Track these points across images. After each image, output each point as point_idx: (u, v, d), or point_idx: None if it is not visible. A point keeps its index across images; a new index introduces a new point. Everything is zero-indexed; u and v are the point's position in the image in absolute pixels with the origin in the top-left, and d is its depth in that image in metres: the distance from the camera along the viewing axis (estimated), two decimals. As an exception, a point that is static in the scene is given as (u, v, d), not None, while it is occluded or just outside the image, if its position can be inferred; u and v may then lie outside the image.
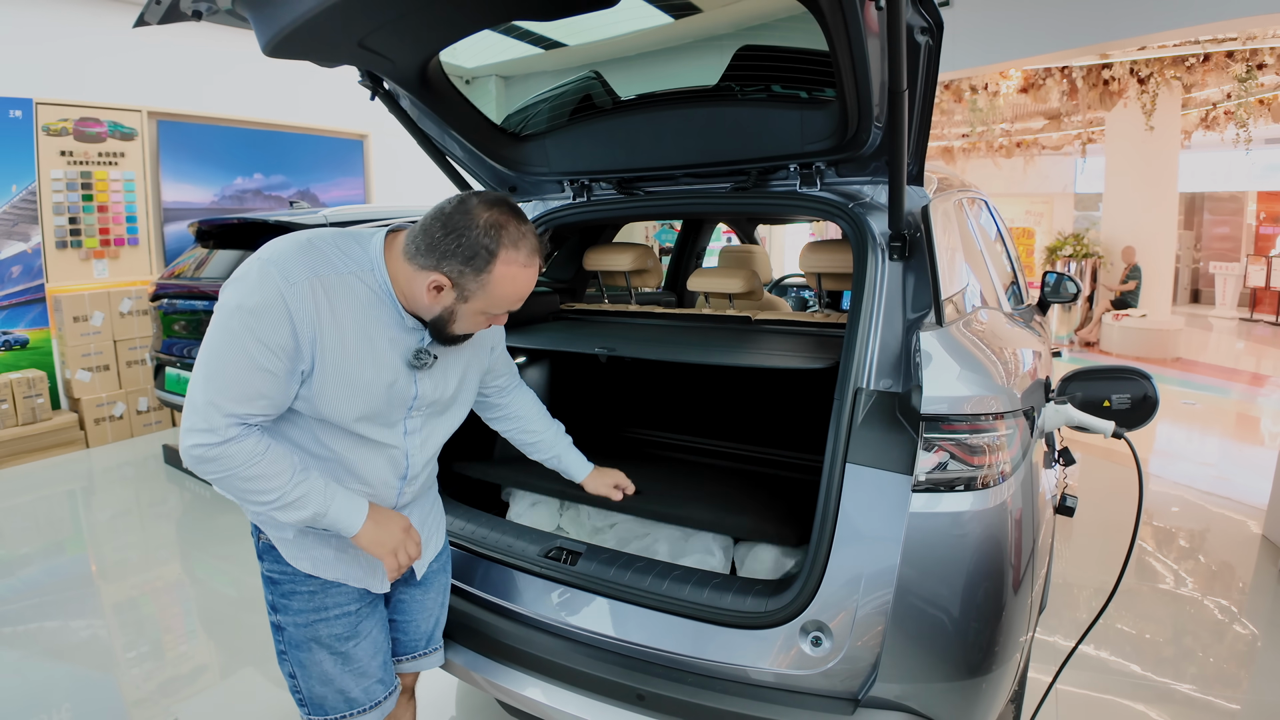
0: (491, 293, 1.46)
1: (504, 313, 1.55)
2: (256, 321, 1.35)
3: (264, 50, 1.75)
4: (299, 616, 1.61)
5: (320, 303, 1.41)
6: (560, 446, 2.13)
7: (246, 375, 1.36)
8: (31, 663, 3.10)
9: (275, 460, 1.42)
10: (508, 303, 1.51)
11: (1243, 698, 2.79)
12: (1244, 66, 8.73)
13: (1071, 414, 1.77)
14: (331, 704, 1.65)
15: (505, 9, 1.92)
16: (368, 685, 1.68)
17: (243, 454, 1.38)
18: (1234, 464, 5.88)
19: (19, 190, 6.10)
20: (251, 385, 1.37)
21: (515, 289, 1.48)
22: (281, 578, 1.61)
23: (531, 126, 2.50)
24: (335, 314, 1.43)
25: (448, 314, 1.50)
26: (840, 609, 1.56)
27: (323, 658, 1.63)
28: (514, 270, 1.45)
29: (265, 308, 1.36)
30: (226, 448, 1.37)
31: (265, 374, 1.37)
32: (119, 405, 6.40)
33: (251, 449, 1.39)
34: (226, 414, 1.36)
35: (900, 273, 1.81)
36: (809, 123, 1.98)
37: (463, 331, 1.55)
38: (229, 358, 1.36)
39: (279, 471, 1.42)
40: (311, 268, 1.41)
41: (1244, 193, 16.72)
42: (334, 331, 1.43)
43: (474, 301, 1.47)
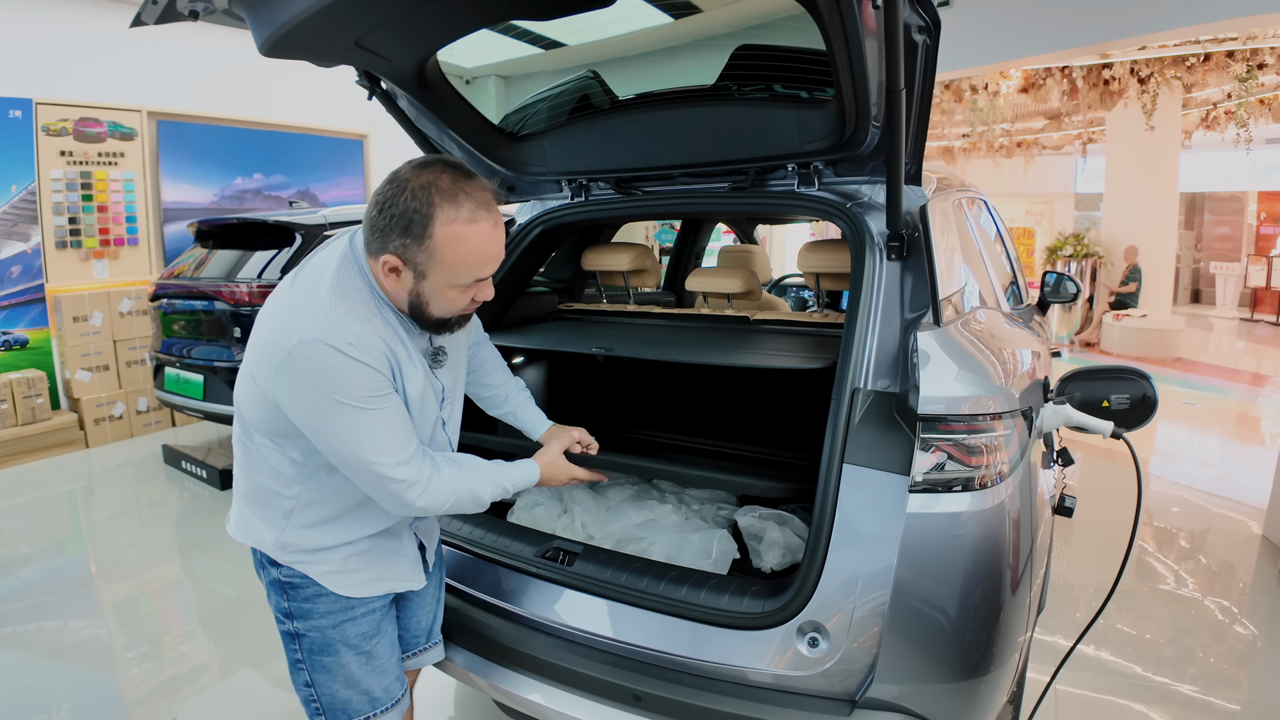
0: (444, 260, 1.38)
1: (477, 282, 1.47)
2: (354, 391, 1.38)
3: (260, 50, 1.75)
4: (325, 619, 1.61)
5: (379, 338, 1.44)
6: (517, 401, 2.06)
7: (386, 427, 1.43)
8: (31, 663, 3.10)
9: (470, 469, 1.61)
10: (469, 267, 1.42)
11: (1243, 698, 2.79)
12: (1244, 66, 8.72)
13: (1070, 414, 1.77)
14: (356, 706, 1.65)
15: (502, 8, 1.92)
16: (388, 683, 1.69)
17: (444, 480, 1.51)
18: (1234, 464, 5.88)
19: (19, 190, 6.11)
20: (397, 427, 1.45)
21: (468, 249, 1.39)
22: (303, 581, 1.60)
23: (530, 126, 2.50)
24: (389, 341, 1.46)
25: (416, 297, 1.45)
26: (837, 610, 1.55)
27: (349, 659, 1.63)
28: (457, 229, 1.37)
29: (349, 378, 1.37)
30: (434, 483, 1.49)
31: (393, 412, 1.45)
32: (119, 405, 6.40)
33: (449, 474, 1.54)
34: (406, 461, 1.45)
35: (898, 272, 1.81)
36: (807, 122, 1.98)
37: (442, 313, 1.49)
38: (364, 431, 1.40)
39: (479, 473, 1.61)
40: (356, 316, 1.41)
41: (1244, 193, 16.70)
42: (393, 353, 1.48)
43: (433, 275, 1.41)
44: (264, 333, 1.44)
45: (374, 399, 1.40)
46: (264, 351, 1.42)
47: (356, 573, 1.62)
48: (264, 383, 1.42)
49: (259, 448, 1.53)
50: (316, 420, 1.40)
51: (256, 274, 4.82)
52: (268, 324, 1.45)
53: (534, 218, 2.59)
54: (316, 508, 1.56)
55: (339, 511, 1.58)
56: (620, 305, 3.07)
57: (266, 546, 1.59)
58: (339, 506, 1.58)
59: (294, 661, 1.64)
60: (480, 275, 1.46)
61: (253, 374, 1.46)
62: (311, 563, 1.59)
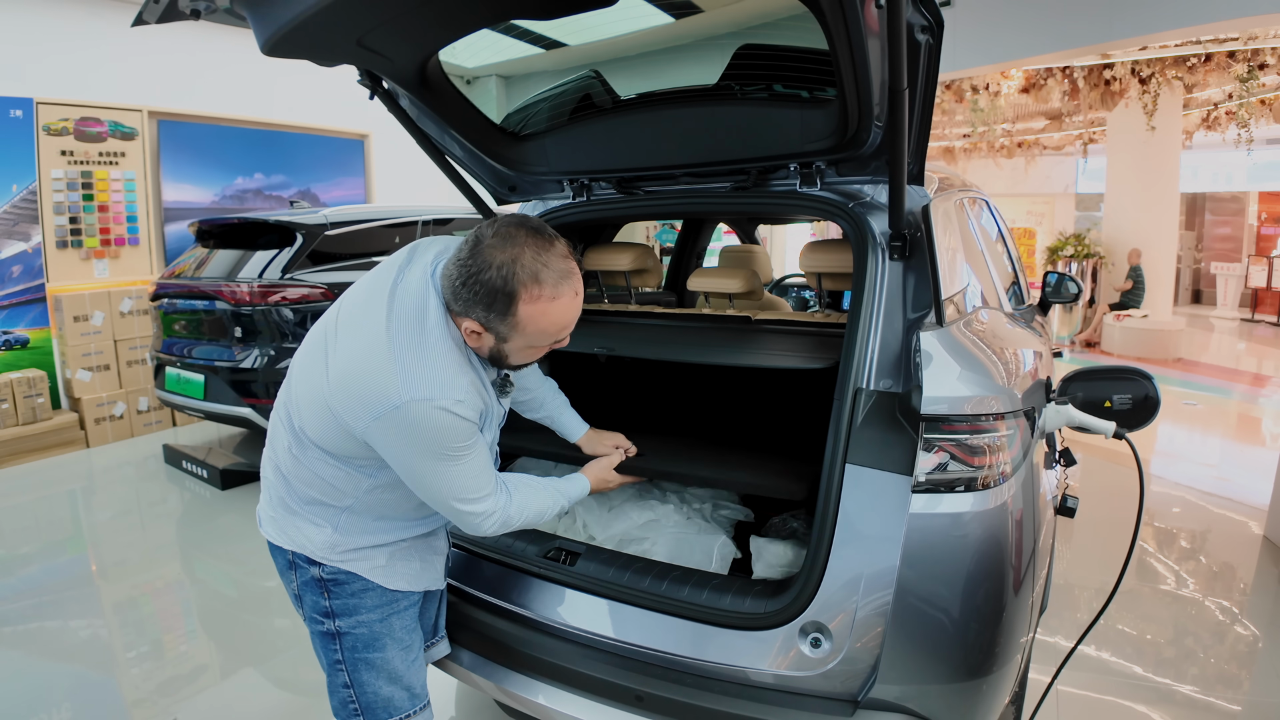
0: (525, 331, 1.43)
1: (558, 343, 1.56)
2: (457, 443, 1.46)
3: (262, 49, 1.75)
4: (374, 614, 1.63)
5: (476, 387, 1.49)
6: (554, 405, 2.13)
7: (475, 471, 1.52)
8: (31, 662, 3.09)
9: (536, 491, 1.71)
10: (549, 336, 1.47)
11: (1244, 699, 2.79)
12: (1245, 66, 8.72)
13: (1072, 414, 1.77)
14: (398, 702, 1.66)
15: (504, 8, 1.91)
16: (423, 680, 1.74)
17: (516, 506, 1.62)
18: (1235, 465, 5.88)
19: (19, 190, 6.11)
20: (482, 469, 1.55)
21: (549, 322, 1.43)
22: (349, 577, 1.61)
23: (531, 126, 2.49)
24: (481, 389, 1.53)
25: (498, 352, 1.50)
26: (840, 610, 1.55)
27: (394, 653, 1.66)
28: (541, 307, 1.39)
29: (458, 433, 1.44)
30: (508, 511, 1.60)
31: (481, 455, 1.54)
32: (119, 405, 6.40)
33: (521, 498, 1.64)
34: (486, 496, 1.55)
35: (900, 272, 1.80)
36: (809, 122, 1.98)
37: (521, 362, 1.56)
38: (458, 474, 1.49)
39: (543, 495, 1.71)
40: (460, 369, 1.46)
41: (1245, 193, 16.69)
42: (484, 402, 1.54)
43: (514, 340, 1.46)
44: (363, 378, 1.41)
45: (469, 448, 1.48)
46: (362, 398, 1.40)
47: (404, 565, 1.67)
48: (354, 423, 1.42)
49: (314, 461, 1.54)
50: (413, 464, 1.46)
51: (257, 274, 4.82)
52: (369, 372, 1.41)
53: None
54: (368, 514, 1.61)
55: (390, 516, 1.64)
56: (622, 305, 3.06)
57: (314, 549, 1.59)
58: (392, 513, 1.63)
59: (333, 662, 1.64)
60: (559, 339, 1.53)
61: (333, 407, 1.44)
62: (360, 559, 1.61)
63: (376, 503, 1.59)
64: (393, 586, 1.65)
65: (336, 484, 1.55)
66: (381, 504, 1.60)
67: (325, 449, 1.51)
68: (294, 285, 4.79)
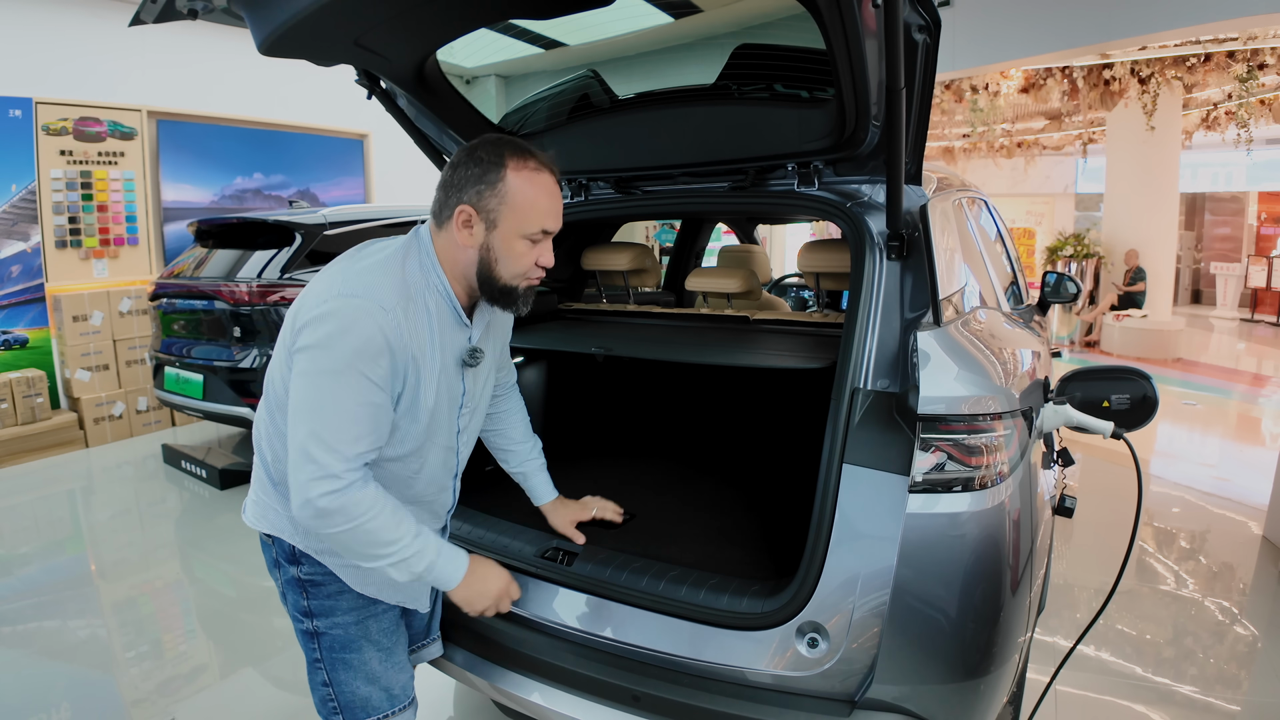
0: (514, 204, 1.46)
1: (543, 236, 1.52)
2: (357, 356, 1.36)
3: (259, 49, 1.75)
4: (349, 615, 1.61)
5: (412, 325, 1.43)
6: (531, 464, 2.05)
7: (358, 412, 1.37)
8: (30, 662, 3.09)
9: (394, 510, 1.43)
10: (537, 214, 1.48)
11: (1243, 699, 2.79)
12: (1245, 66, 8.72)
13: (1070, 414, 1.77)
14: (376, 703, 1.65)
15: (501, 7, 1.91)
16: (404, 681, 1.70)
17: (367, 499, 1.39)
18: (1235, 465, 5.87)
19: (18, 190, 6.11)
20: (362, 423, 1.38)
21: (536, 194, 1.47)
22: (326, 579, 1.59)
23: (529, 125, 2.49)
24: (418, 334, 1.46)
25: (486, 253, 1.49)
26: (837, 610, 1.55)
27: (371, 655, 1.63)
28: (527, 175, 1.46)
29: (366, 342, 1.36)
30: (350, 493, 1.37)
31: (373, 408, 1.39)
32: (118, 405, 6.40)
33: (373, 495, 1.40)
34: (345, 457, 1.36)
35: (898, 272, 1.80)
36: (807, 121, 1.98)
37: (510, 274, 1.51)
38: (335, 400, 1.36)
39: (399, 522, 1.43)
40: (392, 283, 1.43)
41: (1245, 193, 16.70)
42: (418, 350, 1.46)
43: (504, 223, 1.47)
44: (307, 293, 1.46)
45: (368, 380, 1.37)
46: (302, 305, 1.43)
47: (371, 573, 1.61)
48: (292, 338, 1.42)
49: (284, 426, 1.50)
50: (305, 371, 1.38)
51: (256, 273, 4.82)
52: (313, 286, 1.46)
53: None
54: None
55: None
56: (620, 305, 3.06)
57: (287, 534, 1.58)
58: None
59: (312, 661, 1.64)
60: (546, 226, 1.51)
61: (284, 341, 1.46)
62: (330, 553, 1.58)
63: None
64: (363, 591, 1.61)
65: None
66: None
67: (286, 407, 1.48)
68: (293, 285, 4.79)
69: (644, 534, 2.18)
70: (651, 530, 2.21)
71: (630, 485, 2.65)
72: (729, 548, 2.13)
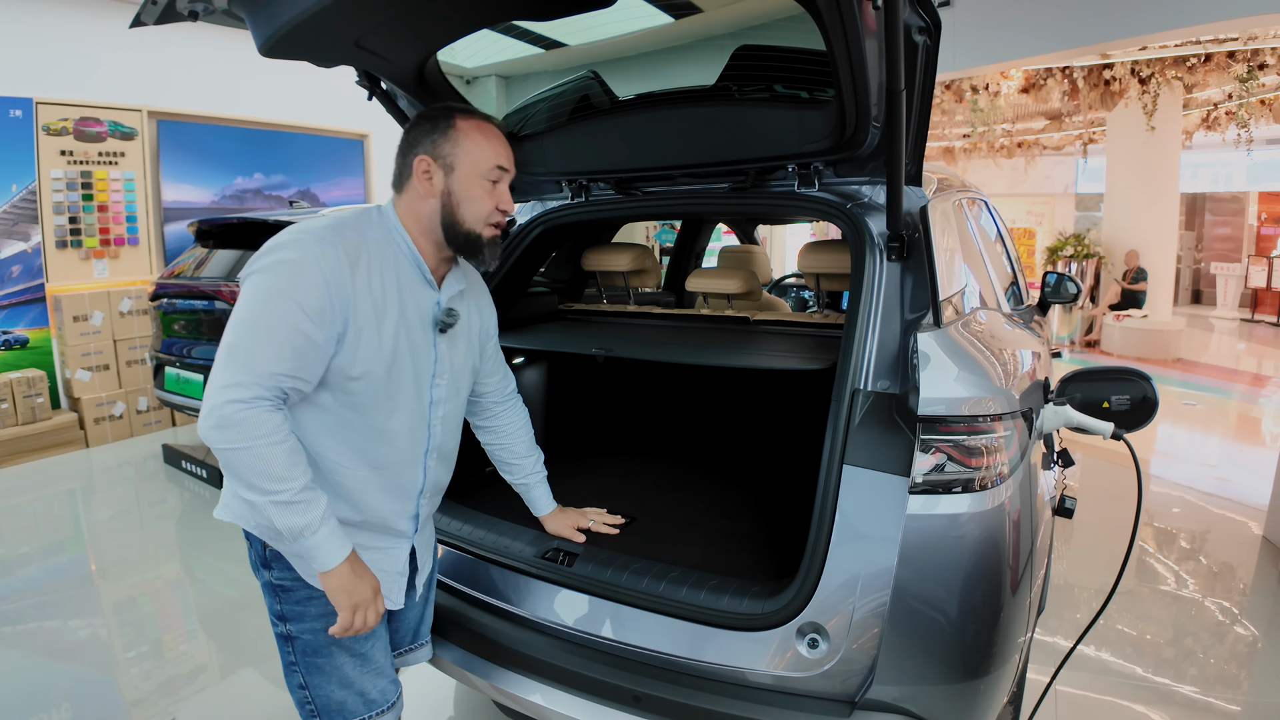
0: (468, 147, 1.54)
1: (499, 174, 1.58)
2: (292, 282, 1.37)
3: (260, 50, 1.75)
4: (317, 622, 1.59)
5: (356, 266, 1.44)
6: (533, 478, 2.05)
7: (281, 334, 1.35)
8: (30, 662, 3.10)
9: (296, 455, 1.38)
10: (490, 152, 1.56)
11: (1243, 699, 2.79)
12: (1245, 67, 8.72)
13: (1070, 415, 1.77)
14: (351, 707, 1.63)
15: (502, 8, 1.91)
16: (383, 686, 1.67)
17: (270, 424, 1.34)
18: (1235, 465, 5.88)
19: (19, 190, 6.11)
20: (283, 345, 1.35)
21: (485, 137, 1.56)
22: (295, 584, 1.58)
23: (530, 126, 2.50)
24: (369, 279, 1.46)
25: (448, 199, 1.54)
26: (837, 611, 1.55)
27: (343, 661, 1.61)
28: (475, 122, 1.56)
29: (301, 267, 1.38)
30: (255, 410, 1.32)
31: (299, 334, 1.36)
32: (119, 405, 6.40)
33: (279, 424, 1.35)
34: (259, 373, 1.33)
35: (898, 273, 1.80)
36: (807, 123, 1.98)
37: (473, 218, 1.55)
38: (263, 317, 1.35)
39: (296, 463, 1.37)
40: (341, 235, 1.45)
41: (1245, 193, 16.70)
42: (366, 296, 1.45)
43: (460, 166, 1.54)
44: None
45: (298, 303, 1.36)
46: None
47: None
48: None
49: None
50: (247, 290, 1.39)
51: (257, 274, 4.81)
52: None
53: (534, 218, 2.59)
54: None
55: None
56: (620, 305, 3.07)
57: (251, 526, 1.58)
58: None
59: (288, 664, 1.63)
60: (500, 163, 1.57)
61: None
62: (294, 556, 1.57)
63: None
64: (317, 584, 1.56)
65: None
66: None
67: None
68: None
69: (644, 535, 2.18)
70: (652, 531, 2.21)
71: (630, 486, 2.65)
72: (729, 548, 2.13)
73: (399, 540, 1.69)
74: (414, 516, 1.71)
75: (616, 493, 2.57)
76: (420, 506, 1.71)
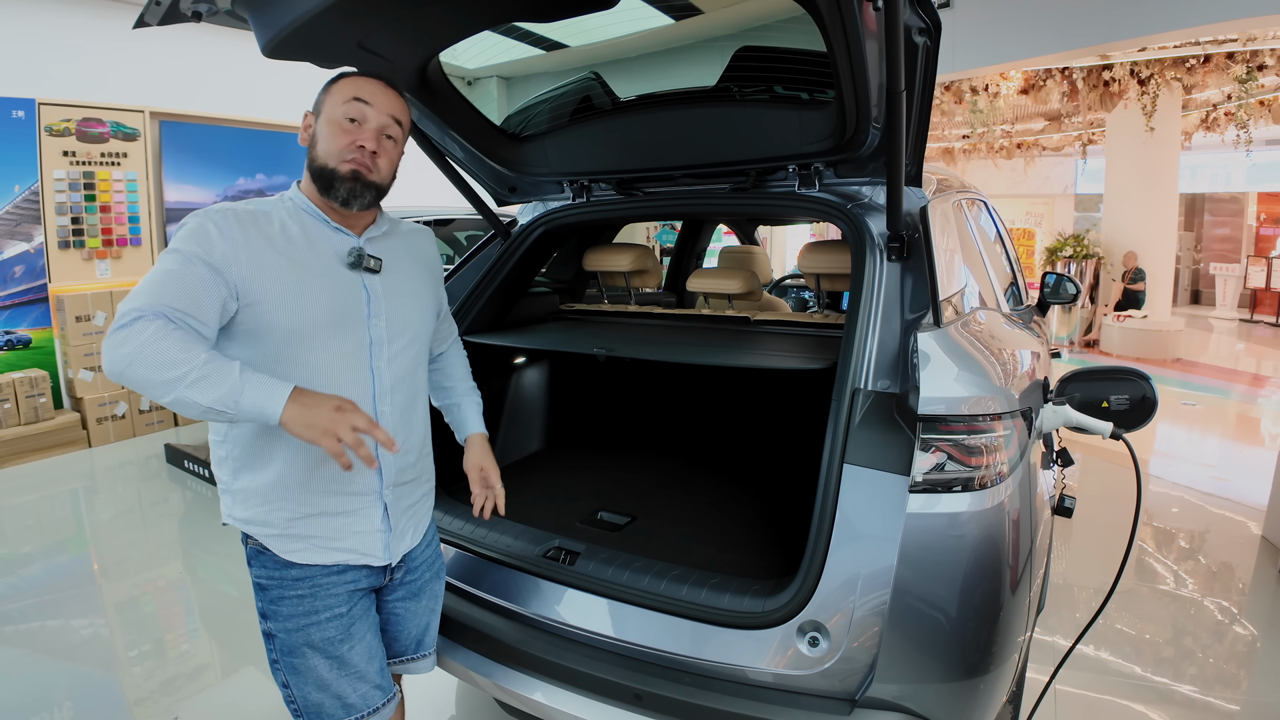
0: (330, 92, 1.59)
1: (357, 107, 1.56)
2: (181, 242, 1.44)
3: (263, 51, 1.76)
4: (289, 621, 1.59)
5: (243, 223, 1.50)
6: (466, 399, 1.99)
7: (167, 276, 1.39)
8: (33, 661, 3.10)
9: (189, 340, 1.35)
10: (345, 90, 1.57)
11: (1242, 698, 2.80)
12: (1244, 68, 8.73)
13: (1070, 415, 1.78)
14: (329, 710, 1.62)
15: (505, 10, 1.92)
16: (365, 691, 1.64)
17: (151, 328, 1.32)
18: (1234, 465, 5.88)
19: (22, 190, 6.12)
20: (171, 282, 1.39)
21: (347, 81, 1.59)
22: (270, 583, 1.59)
23: (531, 127, 2.51)
24: (261, 232, 1.51)
25: (313, 142, 1.59)
26: (837, 609, 1.56)
27: (317, 662, 1.61)
28: (347, 76, 1.61)
29: (189, 232, 1.45)
30: (137, 323, 1.33)
31: (190, 279, 1.39)
32: (121, 405, 6.41)
33: (163, 325, 1.34)
34: (142, 304, 1.35)
35: (898, 273, 1.81)
36: (807, 123, 1.99)
37: (325, 152, 1.57)
38: (156, 269, 1.41)
39: (189, 347, 1.33)
40: (233, 206, 1.53)
41: (1244, 194, 16.72)
42: (263, 245, 1.50)
43: (324, 109, 1.58)
44: None
45: (181, 252, 1.42)
46: None
47: (304, 531, 1.57)
48: None
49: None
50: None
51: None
52: None
53: (536, 219, 2.60)
54: (248, 466, 1.56)
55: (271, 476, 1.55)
56: (621, 306, 3.08)
57: (226, 512, 1.60)
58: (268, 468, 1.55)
59: (271, 661, 1.65)
60: (357, 95, 1.57)
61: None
62: (255, 524, 1.56)
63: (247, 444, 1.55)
64: (291, 558, 1.56)
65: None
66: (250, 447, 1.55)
67: None
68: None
69: (645, 534, 2.19)
70: (653, 530, 2.22)
71: (631, 485, 2.67)
72: (730, 547, 2.14)
73: (365, 499, 1.63)
74: (376, 472, 1.63)
75: (617, 491, 2.58)
76: (380, 458, 1.63)
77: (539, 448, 3.07)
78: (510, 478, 2.37)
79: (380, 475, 1.64)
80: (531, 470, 2.76)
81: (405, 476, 1.70)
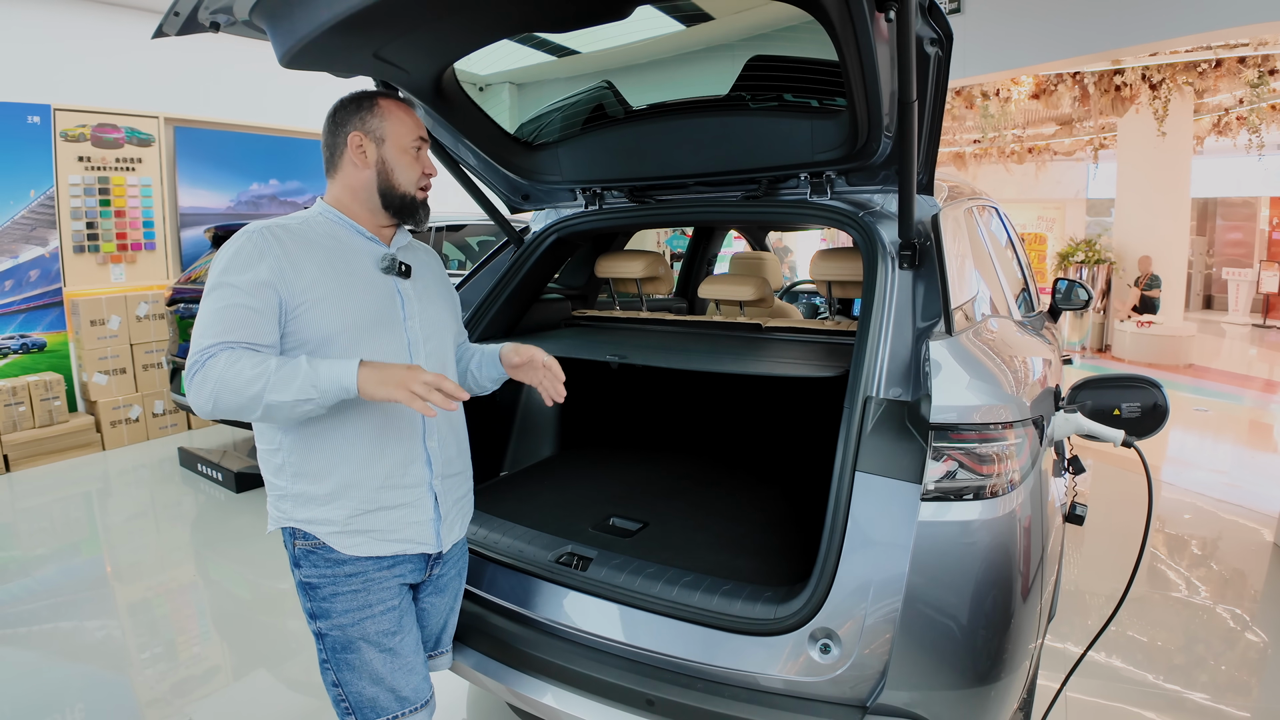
0: (394, 120, 1.68)
1: (421, 143, 1.72)
2: (224, 274, 1.50)
3: (281, 62, 1.78)
4: (344, 617, 1.63)
5: (280, 238, 1.55)
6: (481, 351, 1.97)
7: (222, 315, 1.48)
8: (46, 663, 3.13)
9: (256, 357, 1.46)
10: (412, 124, 1.71)
11: (1253, 706, 2.78)
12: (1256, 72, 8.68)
13: (1081, 422, 1.78)
14: (384, 704, 1.65)
15: (521, 21, 1.94)
16: (416, 683, 1.70)
17: (223, 360, 1.44)
18: (1247, 471, 5.85)
19: (37, 195, 6.18)
20: (226, 321, 1.47)
21: (408, 115, 1.71)
22: (322, 580, 1.62)
23: (544, 135, 2.52)
24: (302, 244, 1.58)
25: (383, 167, 1.67)
26: (849, 616, 1.56)
27: (372, 656, 1.64)
28: (393, 101, 1.71)
29: (236, 255, 1.51)
30: (209, 362, 1.44)
31: (242, 309, 1.48)
32: (135, 408, 6.46)
33: (230, 354, 1.45)
34: (207, 344, 1.46)
35: (910, 281, 1.82)
36: (819, 132, 2.00)
37: (406, 181, 1.69)
38: (210, 306, 1.49)
39: (260, 362, 1.44)
40: (264, 225, 1.58)
41: (1257, 198, 16.62)
42: (304, 256, 1.56)
43: (390, 137, 1.67)
44: None
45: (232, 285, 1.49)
46: None
47: (363, 533, 1.62)
48: None
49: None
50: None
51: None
52: None
53: (548, 226, 2.61)
54: (307, 470, 1.60)
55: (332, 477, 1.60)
56: (633, 312, 3.09)
57: (283, 515, 1.63)
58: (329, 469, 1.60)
59: (321, 661, 1.67)
60: (420, 134, 1.72)
61: None
62: (317, 523, 1.60)
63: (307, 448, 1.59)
64: (350, 553, 1.61)
65: (265, 430, 1.63)
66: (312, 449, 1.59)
67: None
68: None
69: (658, 540, 2.20)
70: (665, 536, 2.23)
71: (643, 490, 2.67)
72: (742, 554, 2.15)
73: (418, 490, 1.70)
74: (426, 462, 1.71)
75: (630, 497, 2.59)
76: (430, 451, 1.71)
77: (551, 453, 3.08)
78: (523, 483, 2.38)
79: (430, 466, 1.72)
80: (544, 476, 2.77)
81: (451, 469, 1.79)
